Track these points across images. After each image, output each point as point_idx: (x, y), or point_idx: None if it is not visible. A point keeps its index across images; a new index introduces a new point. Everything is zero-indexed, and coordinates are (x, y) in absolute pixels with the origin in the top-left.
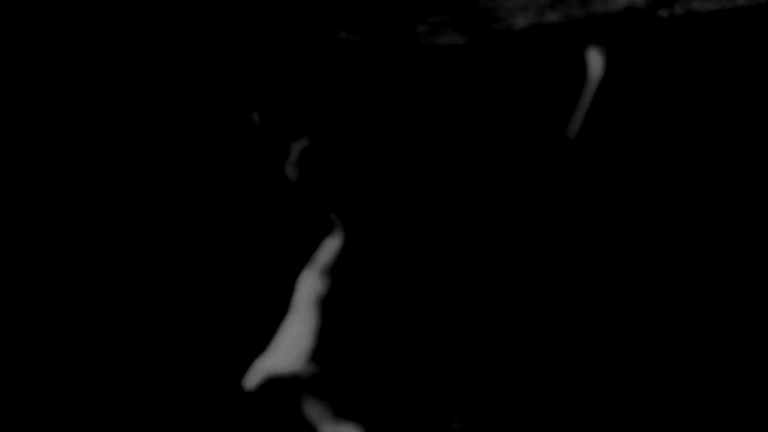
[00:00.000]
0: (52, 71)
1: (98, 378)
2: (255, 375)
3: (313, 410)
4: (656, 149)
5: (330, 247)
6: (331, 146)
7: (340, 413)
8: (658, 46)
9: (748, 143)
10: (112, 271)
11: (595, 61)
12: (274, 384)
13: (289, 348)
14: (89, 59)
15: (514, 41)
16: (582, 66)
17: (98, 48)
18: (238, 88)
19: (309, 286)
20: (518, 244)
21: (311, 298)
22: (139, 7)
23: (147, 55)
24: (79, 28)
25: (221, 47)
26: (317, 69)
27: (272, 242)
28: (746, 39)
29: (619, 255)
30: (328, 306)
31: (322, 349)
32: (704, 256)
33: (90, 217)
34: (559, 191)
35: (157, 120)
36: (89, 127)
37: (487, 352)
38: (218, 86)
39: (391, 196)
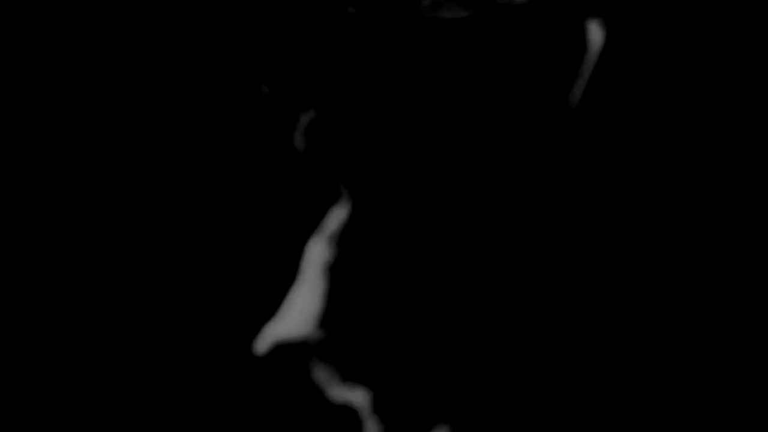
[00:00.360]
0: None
1: (109, 347)
2: (265, 340)
3: (321, 374)
4: (657, 119)
5: (337, 216)
6: (338, 117)
7: (348, 377)
8: (659, 16)
9: (749, 112)
10: (122, 242)
11: (595, 32)
12: (284, 349)
13: (298, 314)
14: (96, 27)
15: (515, 15)
16: (582, 38)
17: (105, 17)
18: (248, 61)
19: (317, 253)
20: (521, 212)
21: (319, 265)
22: None
23: (155, 30)
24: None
25: (231, 19)
26: (325, 42)
27: (281, 211)
28: (745, 9)
29: (620, 222)
30: (335, 273)
31: (330, 315)
32: (708, 229)
33: (99, 181)
34: (561, 158)
35: (166, 92)
36: (97, 96)
37: (491, 316)
38: (228, 59)
39: (397, 166)
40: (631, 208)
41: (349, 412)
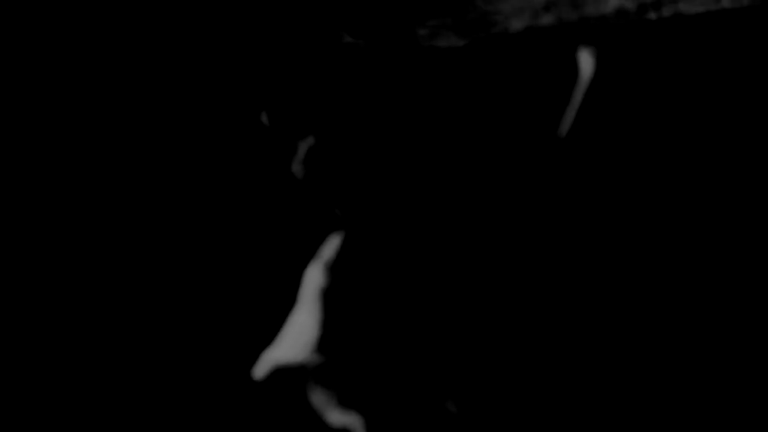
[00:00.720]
0: (57, 75)
1: (110, 370)
2: (263, 365)
3: (318, 399)
4: (644, 147)
5: (334, 242)
6: (336, 145)
7: (345, 401)
8: (648, 47)
9: (733, 140)
10: (125, 266)
11: (586, 61)
12: (282, 374)
13: (296, 339)
14: (99, 64)
15: (510, 43)
16: (573, 66)
17: (108, 52)
18: (248, 90)
19: (314, 279)
20: (513, 239)
21: (316, 291)
22: (148, 10)
23: (157, 59)
24: (86, 33)
25: (232, 51)
26: (323, 71)
27: (280, 237)
28: (731, 39)
29: (610, 249)
30: (332, 299)
31: (327, 340)
32: (696, 256)
33: (104, 215)
34: (551, 186)
35: (170, 121)
36: (100, 129)
37: (481, 339)
38: (229, 88)
39: (393, 193)
40: (621, 234)
41: None
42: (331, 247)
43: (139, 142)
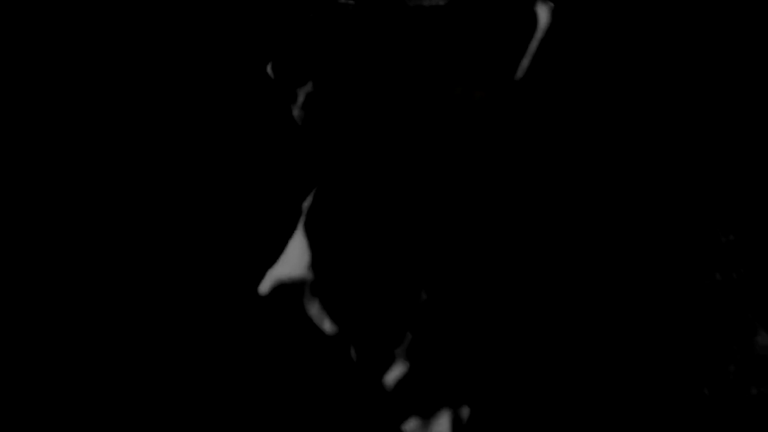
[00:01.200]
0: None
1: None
2: (267, 282)
3: (315, 310)
4: (595, 91)
5: (331, 176)
6: (332, 91)
7: (337, 312)
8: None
9: (682, 92)
10: (147, 202)
11: (543, 14)
12: (283, 289)
13: (296, 259)
14: (94, 18)
15: (484, 1)
16: (533, 19)
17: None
18: (254, 45)
19: (312, 208)
20: (480, 177)
21: (314, 218)
22: None
23: (158, 15)
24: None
25: (242, 14)
26: (321, 28)
27: (284, 173)
28: None
29: (557, 191)
30: (327, 224)
31: (322, 259)
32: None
33: (99, 140)
34: (509, 126)
35: (171, 76)
36: (99, 80)
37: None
38: (238, 45)
39: (382, 131)
40: (565, 173)
41: (337, 341)
42: (327, 180)
43: (154, 94)
